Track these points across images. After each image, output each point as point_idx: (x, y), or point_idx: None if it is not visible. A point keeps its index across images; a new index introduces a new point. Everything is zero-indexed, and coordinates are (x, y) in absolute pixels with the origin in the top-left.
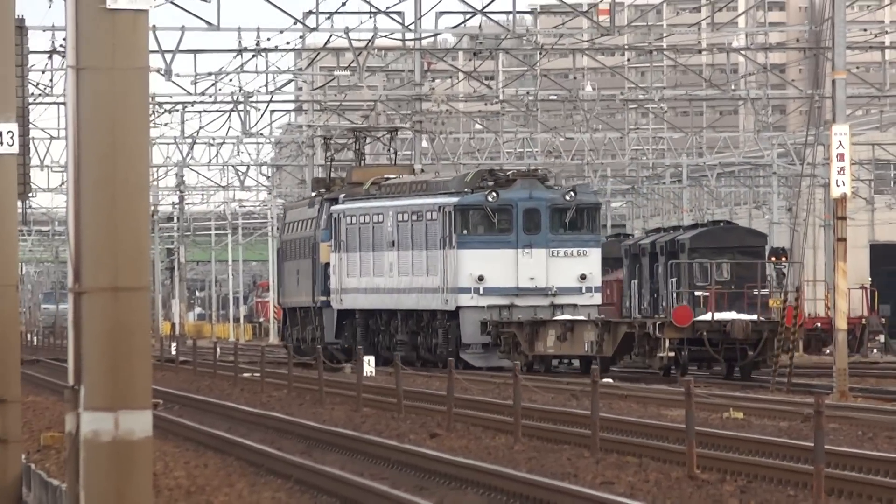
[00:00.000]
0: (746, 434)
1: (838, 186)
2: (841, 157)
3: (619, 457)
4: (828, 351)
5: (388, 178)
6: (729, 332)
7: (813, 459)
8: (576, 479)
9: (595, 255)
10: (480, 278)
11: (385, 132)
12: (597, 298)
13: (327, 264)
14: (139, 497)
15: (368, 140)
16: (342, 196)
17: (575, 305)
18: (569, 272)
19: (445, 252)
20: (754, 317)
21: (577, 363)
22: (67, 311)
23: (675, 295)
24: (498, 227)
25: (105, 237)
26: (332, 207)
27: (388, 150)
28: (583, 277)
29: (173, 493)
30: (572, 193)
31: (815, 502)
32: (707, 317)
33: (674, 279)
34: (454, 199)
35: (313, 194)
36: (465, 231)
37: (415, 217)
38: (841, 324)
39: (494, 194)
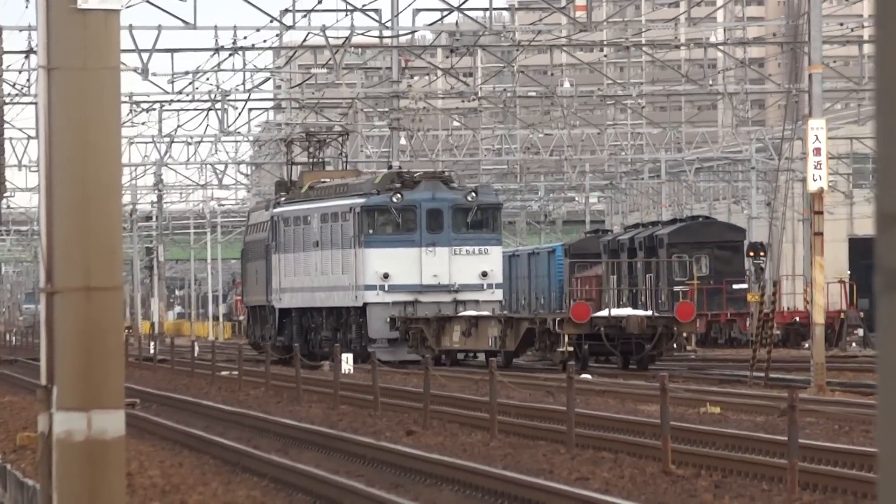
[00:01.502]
0: (722, 429)
1: (815, 181)
2: (818, 151)
3: (594, 452)
4: (806, 345)
5: (322, 182)
6: (625, 328)
7: (787, 454)
8: (551, 476)
9: (496, 253)
10: (386, 276)
11: (336, 135)
12: (498, 294)
13: None
14: (112, 497)
15: (323, 143)
16: (283, 199)
17: (477, 301)
18: (471, 269)
19: (355, 251)
20: (649, 312)
21: (482, 356)
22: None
23: (654, 290)
24: (403, 227)
25: (77, 237)
26: (273, 210)
27: (340, 153)
28: (484, 274)
29: (148, 492)
30: (474, 194)
31: (788, 496)
32: (604, 313)
33: (652, 274)
34: (362, 201)
35: (275, 197)
36: (370, 231)
37: (333, 218)
38: (818, 318)
39: (399, 195)
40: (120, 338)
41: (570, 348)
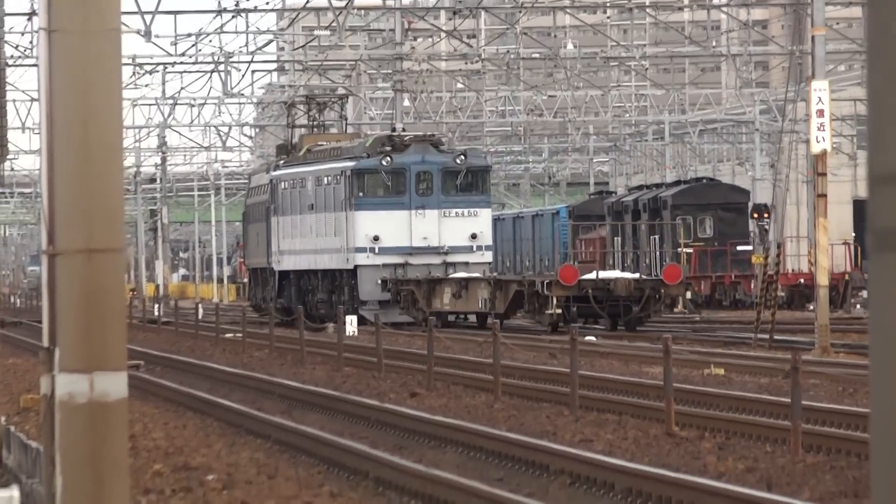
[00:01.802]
0: (726, 391)
1: (818, 142)
2: (821, 112)
3: (598, 414)
4: (811, 307)
5: (319, 145)
6: (613, 290)
7: (790, 415)
8: (555, 437)
9: (485, 215)
10: (376, 238)
11: (337, 98)
12: (488, 256)
13: None
14: (115, 459)
15: (324, 106)
16: (281, 162)
17: (467, 263)
18: (460, 232)
19: (346, 214)
20: (637, 275)
21: (473, 318)
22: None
23: (658, 252)
24: (392, 190)
25: (79, 199)
26: (272, 173)
27: (339, 117)
28: (473, 237)
29: (151, 454)
30: (463, 157)
31: (792, 458)
32: (592, 275)
33: (656, 236)
34: (352, 164)
35: (276, 160)
36: (361, 194)
37: (326, 181)
38: (822, 280)
39: (388, 158)
40: (122, 300)
41: (559, 310)
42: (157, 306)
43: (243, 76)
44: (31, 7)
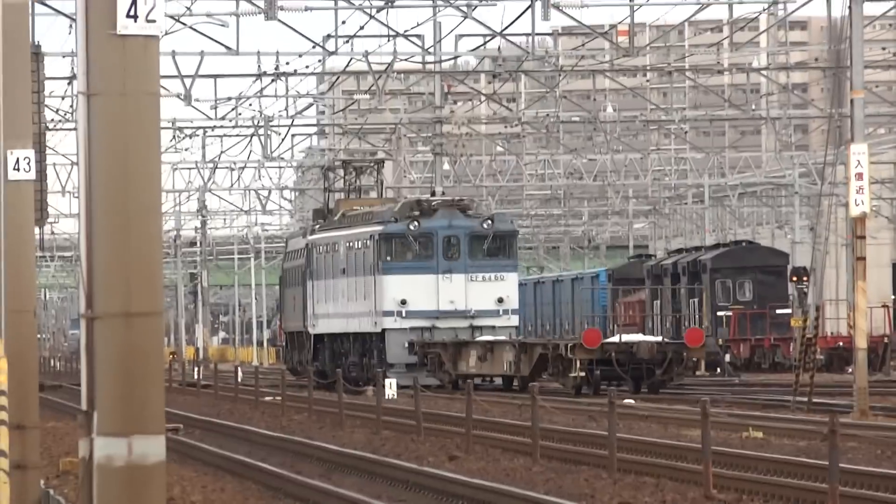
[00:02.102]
0: (764, 453)
1: (857, 205)
2: (860, 176)
3: (636, 477)
4: (849, 370)
5: (354, 210)
6: (636, 353)
7: (828, 478)
8: (593, 500)
9: (512, 279)
10: (403, 302)
11: (373, 163)
12: (514, 320)
13: None
14: None
15: (360, 171)
16: (318, 227)
17: (493, 327)
18: (487, 296)
19: (375, 278)
20: (660, 338)
21: (499, 381)
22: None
23: (697, 316)
24: (420, 254)
25: (117, 262)
26: (309, 238)
27: (376, 181)
28: (500, 301)
29: None
30: (490, 222)
31: None
32: (615, 339)
33: (695, 299)
34: (380, 228)
35: (311, 225)
36: (388, 258)
37: (357, 245)
38: (861, 342)
39: (416, 223)
40: (160, 363)
41: (582, 373)
42: (196, 370)
43: (283, 140)
44: (70, 71)
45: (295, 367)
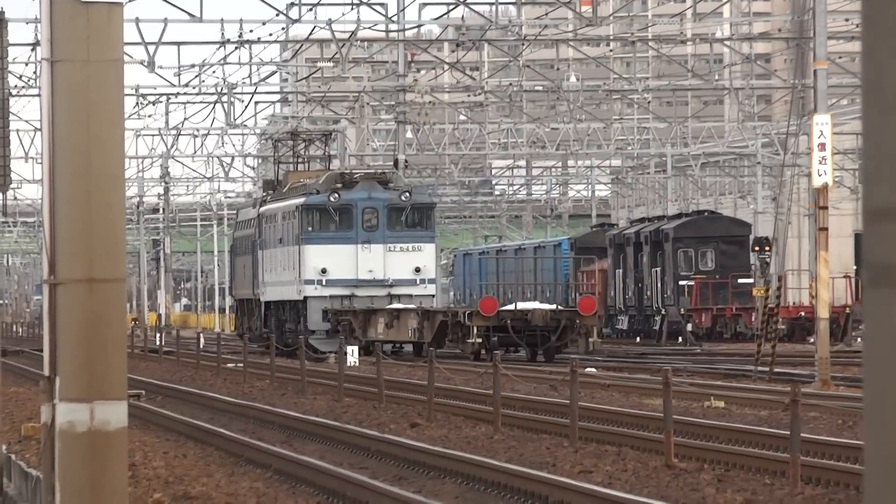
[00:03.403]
0: (725, 423)
1: (819, 176)
2: (822, 146)
3: (597, 446)
4: (811, 340)
5: (298, 182)
6: (530, 320)
7: (790, 448)
8: (554, 469)
9: (429, 249)
10: (324, 271)
11: (320, 135)
12: (431, 289)
13: None
14: (115, 487)
15: (309, 142)
16: (268, 198)
17: (411, 296)
18: (404, 265)
19: (298, 248)
20: (554, 306)
21: (409, 347)
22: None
23: (659, 284)
24: (340, 225)
25: (80, 229)
26: (259, 209)
27: (324, 153)
28: (417, 270)
29: (151, 483)
30: (408, 194)
31: (790, 490)
32: (511, 306)
33: (658, 268)
34: (303, 199)
35: (263, 195)
36: (310, 228)
37: (287, 217)
38: (822, 313)
39: (336, 195)
40: (123, 329)
41: (479, 340)
42: (158, 336)
43: (246, 107)
44: (34, 37)
45: (244, 333)
